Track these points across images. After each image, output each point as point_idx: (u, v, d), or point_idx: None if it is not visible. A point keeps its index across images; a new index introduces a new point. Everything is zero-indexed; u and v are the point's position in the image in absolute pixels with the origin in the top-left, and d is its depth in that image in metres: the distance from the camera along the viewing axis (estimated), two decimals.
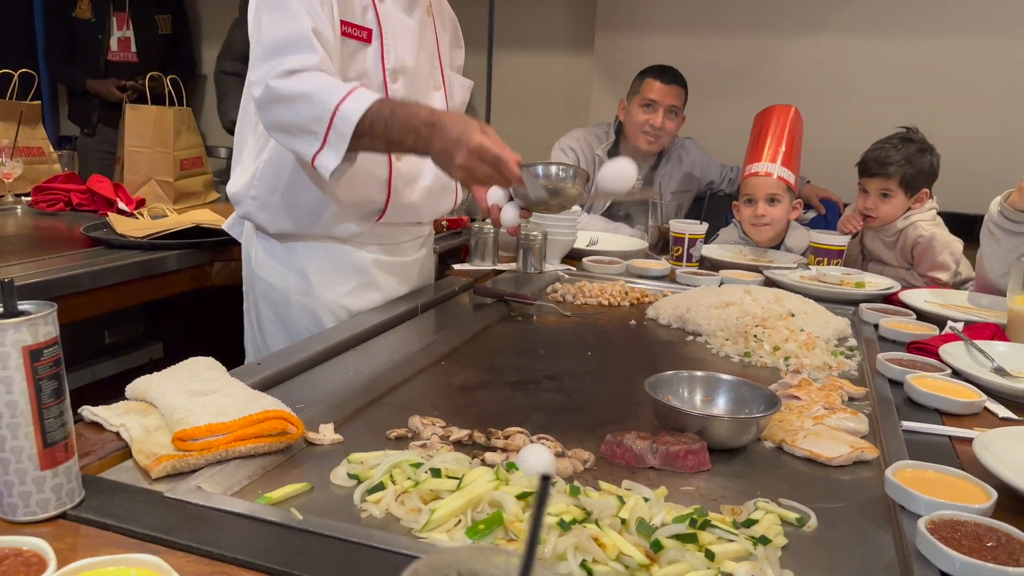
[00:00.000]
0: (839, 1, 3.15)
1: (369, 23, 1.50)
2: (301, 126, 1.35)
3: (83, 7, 3.75)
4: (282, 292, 1.62)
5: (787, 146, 2.40)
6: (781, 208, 2.38)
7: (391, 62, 1.53)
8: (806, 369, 1.41)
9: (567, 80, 3.69)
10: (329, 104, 1.32)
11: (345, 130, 1.32)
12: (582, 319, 1.72)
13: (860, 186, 2.31)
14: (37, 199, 2.50)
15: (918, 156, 2.23)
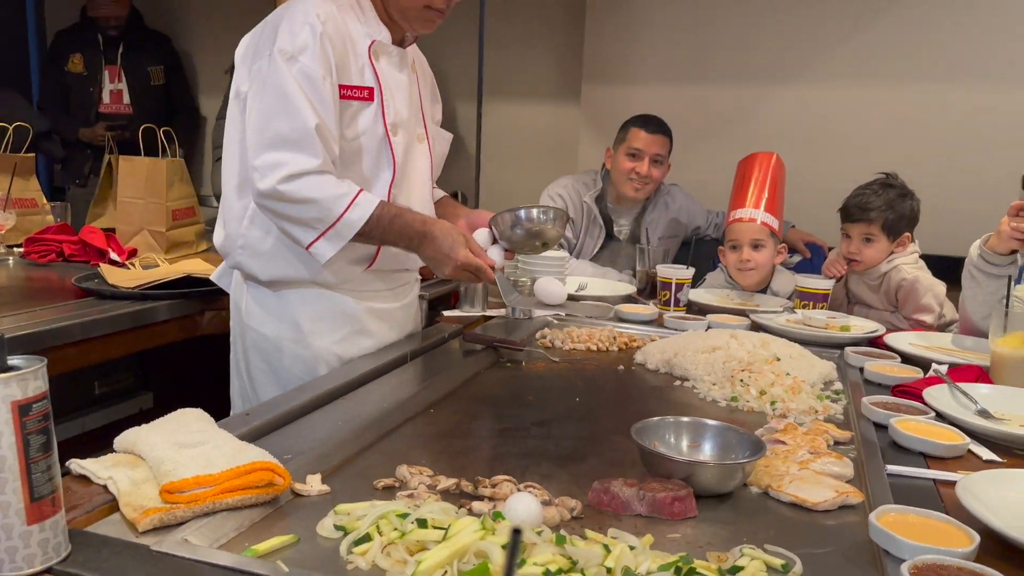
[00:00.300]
0: (819, 51, 3.24)
1: (368, 82, 1.57)
2: (301, 221, 1.48)
3: (75, 61, 3.82)
4: (274, 341, 1.64)
5: (770, 192, 2.44)
6: (765, 253, 2.40)
7: (391, 116, 1.60)
8: (792, 413, 1.42)
9: (555, 128, 3.76)
10: (334, 211, 1.46)
11: (347, 233, 1.49)
12: (570, 365, 1.74)
13: (843, 231, 2.35)
14: (29, 250, 2.51)
15: (898, 201, 2.27)
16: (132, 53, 3.85)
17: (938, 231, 2.55)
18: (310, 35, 1.46)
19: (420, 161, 1.73)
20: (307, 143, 1.45)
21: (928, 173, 2.55)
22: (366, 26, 1.58)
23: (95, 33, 3.82)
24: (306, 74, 1.45)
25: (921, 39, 3.10)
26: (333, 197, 1.46)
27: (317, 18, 1.47)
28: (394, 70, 1.63)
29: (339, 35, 1.51)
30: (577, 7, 3.60)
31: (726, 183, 2.74)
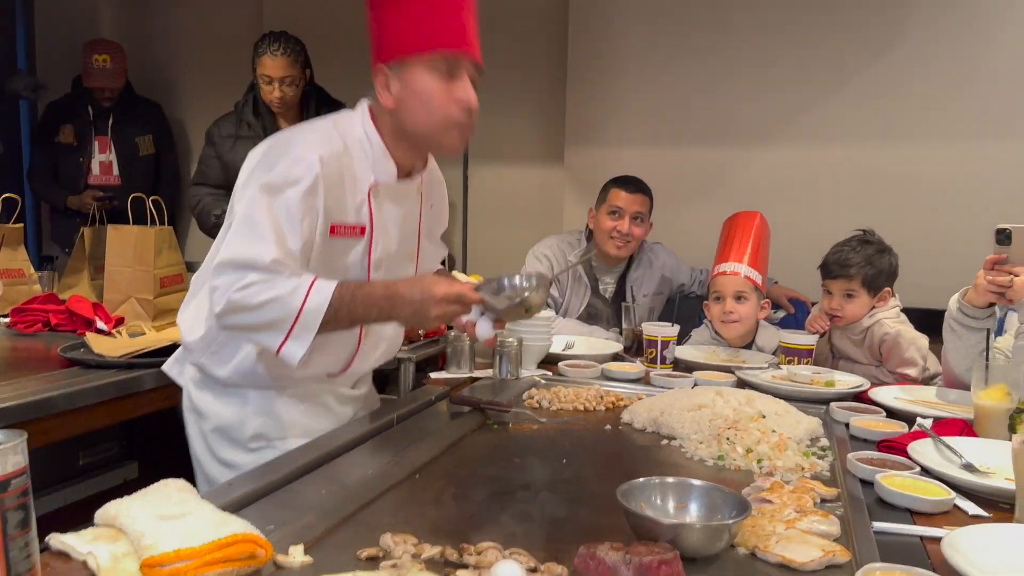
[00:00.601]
0: (795, 112, 3.33)
1: (362, 220, 1.56)
2: (265, 326, 1.43)
3: (66, 132, 3.87)
4: (236, 435, 1.62)
5: (753, 248, 2.49)
6: (749, 306, 2.44)
7: (377, 253, 1.59)
8: (779, 471, 1.42)
9: (540, 190, 3.82)
10: (293, 305, 1.40)
11: (312, 323, 1.41)
12: (558, 425, 1.74)
13: (824, 287, 2.38)
14: (15, 320, 2.51)
15: (877, 257, 2.31)
16: (122, 124, 3.91)
17: (918, 285, 2.59)
18: (305, 172, 1.44)
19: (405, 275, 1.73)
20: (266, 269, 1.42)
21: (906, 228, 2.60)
22: (372, 163, 1.57)
23: (86, 104, 3.89)
24: (286, 207, 1.43)
25: (894, 98, 3.19)
26: (289, 291, 1.41)
27: (319, 160, 1.45)
28: (392, 205, 1.62)
29: (338, 177, 1.50)
30: (559, 73, 3.69)
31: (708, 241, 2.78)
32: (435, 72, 1.47)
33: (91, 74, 3.84)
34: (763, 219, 2.57)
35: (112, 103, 3.90)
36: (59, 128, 3.88)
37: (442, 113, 1.49)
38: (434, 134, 1.53)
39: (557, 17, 3.66)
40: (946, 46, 3.10)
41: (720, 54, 3.39)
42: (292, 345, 1.42)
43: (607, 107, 3.58)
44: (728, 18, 3.36)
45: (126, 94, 3.96)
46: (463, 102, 1.49)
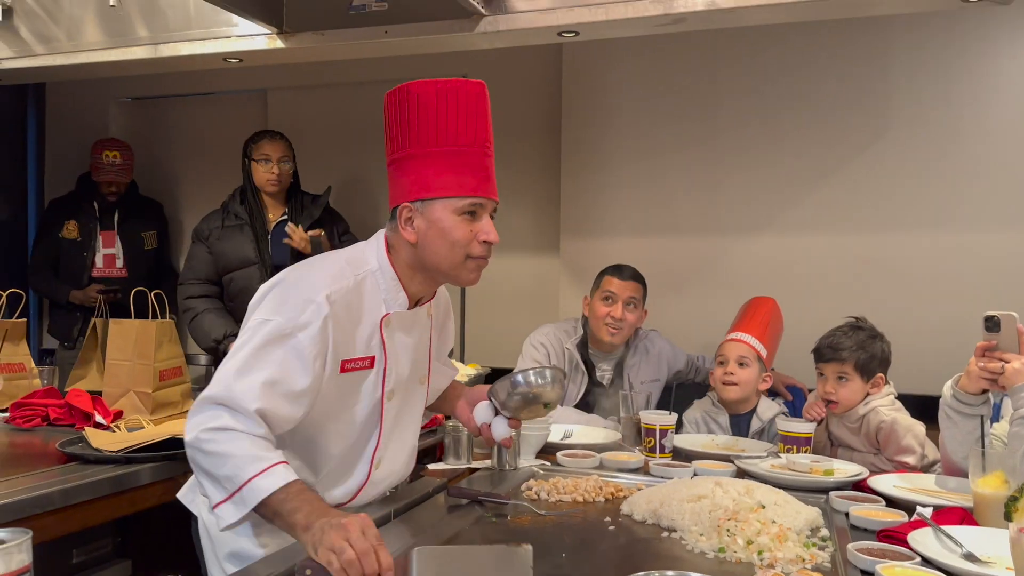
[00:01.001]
0: (785, 202, 3.41)
1: (373, 351, 1.58)
2: (215, 478, 1.41)
3: (70, 228, 3.96)
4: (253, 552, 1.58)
5: (762, 325, 2.70)
6: (749, 372, 2.59)
7: (390, 383, 1.61)
8: (780, 563, 1.41)
9: (536, 279, 3.88)
10: (243, 474, 1.36)
11: (251, 500, 1.36)
12: (557, 518, 1.73)
13: (818, 371, 2.41)
14: (15, 415, 2.51)
15: (869, 342, 2.35)
16: (128, 219, 4.01)
17: (912, 371, 2.61)
18: (314, 315, 1.46)
19: (414, 404, 1.75)
20: (245, 416, 1.41)
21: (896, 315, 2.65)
22: (384, 294, 1.60)
23: (91, 201, 3.99)
24: (298, 351, 1.45)
25: (881, 188, 3.27)
26: (249, 458, 1.38)
27: (327, 300, 1.48)
28: (404, 335, 1.64)
29: (348, 314, 1.53)
30: (553, 167, 3.81)
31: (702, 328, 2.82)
32: (460, 212, 1.55)
33: (100, 169, 3.95)
34: (776, 305, 2.79)
35: (117, 199, 3.99)
36: (63, 224, 3.96)
37: (465, 250, 1.56)
38: (454, 268, 1.58)
39: (551, 112, 3.80)
40: (930, 136, 3.20)
41: (709, 146, 3.50)
42: (228, 508, 1.40)
43: (601, 198, 3.67)
44: (716, 112, 3.49)
45: (131, 191, 4.07)
46: (485, 240, 1.57)
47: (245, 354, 1.45)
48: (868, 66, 3.29)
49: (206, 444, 1.40)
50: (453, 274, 1.60)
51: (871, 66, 3.28)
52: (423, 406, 1.79)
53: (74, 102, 4.56)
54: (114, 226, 3.97)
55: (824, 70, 3.35)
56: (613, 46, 3.56)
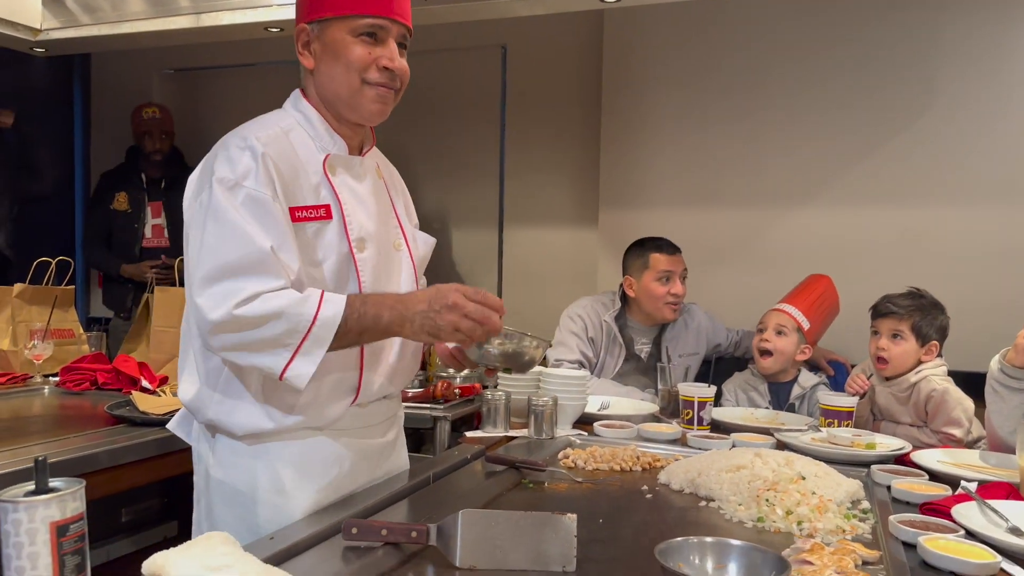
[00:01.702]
0: (830, 174, 3.34)
1: (324, 199, 1.47)
2: (269, 342, 1.31)
3: (120, 200, 4.04)
4: (248, 493, 1.45)
5: (811, 300, 2.70)
6: (786, 341, 2.59)
7: (355, 232, 1.49)
8: (819, 533, 1.40)
9: (574, 252, 3.86)
10: (306, 316, 1.31)
11: (326, 335, 1.32)
12: (594, 485, 1.73)
13: (872, 329, 2.39)
14: (65, 379, 2.59)
15: (929, 307, 2.34)
16: (173, 189, 4.06)
17: (961, 348, 2.55)
18: (251, 159, 1.37)
19: (401, 271, 1.62)
20: (263, 267, 1.32)
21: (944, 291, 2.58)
22: (318, 140, 1.50)
23: (139, 173, 4.06)
24: (253, 198, 1.35)
25: (930, 161, 3.18)
26: (298, 301, 1.31)
27: (257, 140, 1.39)
28: (354, 181, 1.53)
29: (284, 156, 1.42)
30: (592, 137, 3.77)
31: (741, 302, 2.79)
32: (357, 33, 1.45)
33: (142, 129, 4.00)
34: (831, 284, 2.79)
35: (162, 168, 4.05)
36: (114, 196, 4.05)
37: (361, 74, 1.46)
38: (352, 96, 1.48)
39: (591, 81, 3.76)
40: (981, 109, 3.11)
41: (752, 118, 3.44)
42: (300, 363, 1.32)
43: (640, 169, 3.63)
44: (760, 80, 3.42)
45: (175, 160, 4.12)
46: (383, 63, 1.46)
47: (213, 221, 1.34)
48: (918, 37, 3.19)
49: (245, 314, 1.29)
50: (352, 103, 1.48)
51: (921, 37, 3.18)
52: (412, 279, 1.64)
53: (118, 74, 4.64)
54: (161, 197, 4.03)
55: (873, 40, 3.25)
56: (655, 13, 3.50)
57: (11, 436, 1.99)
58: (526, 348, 1.50)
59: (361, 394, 1.53)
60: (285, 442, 1.47)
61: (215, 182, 1.35)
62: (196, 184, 1.44)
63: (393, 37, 1.49)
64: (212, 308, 1.30)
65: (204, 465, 1.52)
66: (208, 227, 1.34)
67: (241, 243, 1.32)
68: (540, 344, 1.54)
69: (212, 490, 1.50)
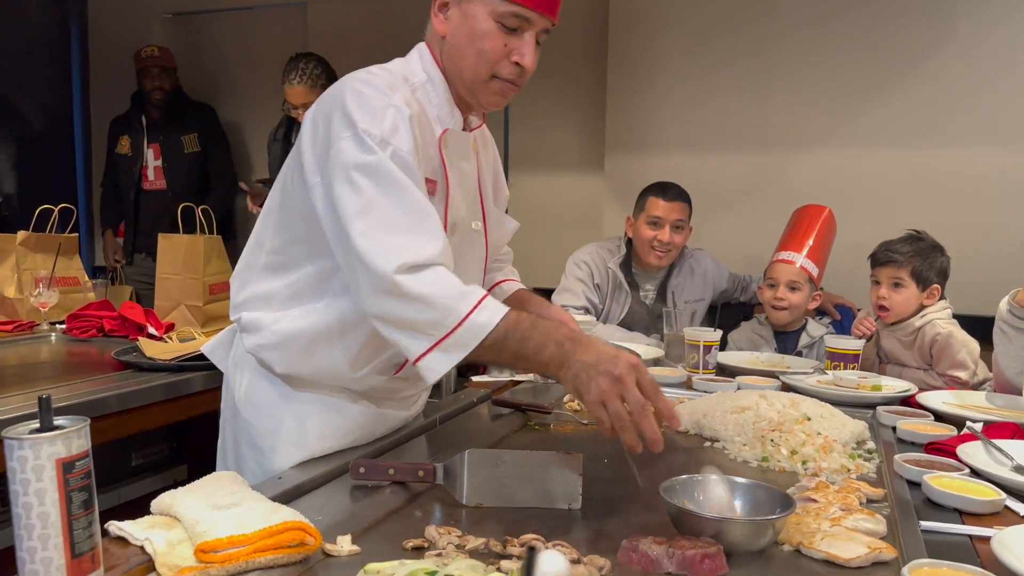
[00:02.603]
0: (839, 116, 3.28)
1: (435, 174, 1.39)
2: (415, 326, 1.22)
3: (123, 143, 4.04)
4: (269, 440, 1.42)
5: (815, 241, 2.63)
6: (800, 296, 2.56)
7: (452, 214, 1.41)
8: (824, 472, 1.40)
9: (580, 197, 3.83)
10: (457, 313, 1.20)
11: (471, 342, 1.21)
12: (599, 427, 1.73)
13: (873, 278, 2.37)
14: (71, 326, 2.59)
15: (928, 251, 2.31)
16: (170, 127, 4.02)
17: (968, 290, 2.54)
18: (397, 117, 1.27)
19: (473, 254, 1.54)
20: (426, 225, 1.24)
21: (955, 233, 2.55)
22: (439, 110, 1.41)
23: (141, 114, 4.02)
24: (402, 158, 1.25)
25: (939, 103, 3.12)
26: (457, 295, 1.21)
27: (402, 101, 1.29)
28: (461, 160, 1.44)
29: (422, 122, 1.34)
30: (598, 81, 3.71)
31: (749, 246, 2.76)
32: (499, 18, 1.33)
33: (143, 67, 3.94)
34: (831, 214, 2.70)
35: (163, 107, 3.99)
36: (118, 140, 4.04)
37: (492, 67, 1.35)
38: (476, 83, 1.38)
39: (597, 25, 3.69)
40: (995, 45, 3.03)
41: (760, 59, 3.37)
42: (437, 357, 1.22)
43: (647, 114, 3.58)
44: (768, 23, 3.34)
45: (177, 98, 4.06)
46: (515, 58, 1.35)
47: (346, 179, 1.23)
48: None
49: (403, 286, 1.19)
50: (473, 90, 1.39)
51: None
52: (482, 260, 1.57)
53: (116, 19, 4.56)
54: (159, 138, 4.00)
55: None
56: None
57: (19, 382, 2.01)
58: None
59: (405, 368, 1.47)
60: (317, 395, 1.44)
61: (361, 133, 1.24)
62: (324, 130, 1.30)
63: (535, 30, 1.37)
64: (378, 262, 1.20)
65: (232, 396, 1.50)
66: (359, 181, 1.23)
67: (402, 199, 1.23)
68: None
69: (238, 425, 1.48)
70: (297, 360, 1.40)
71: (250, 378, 1.47)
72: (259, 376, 1.45)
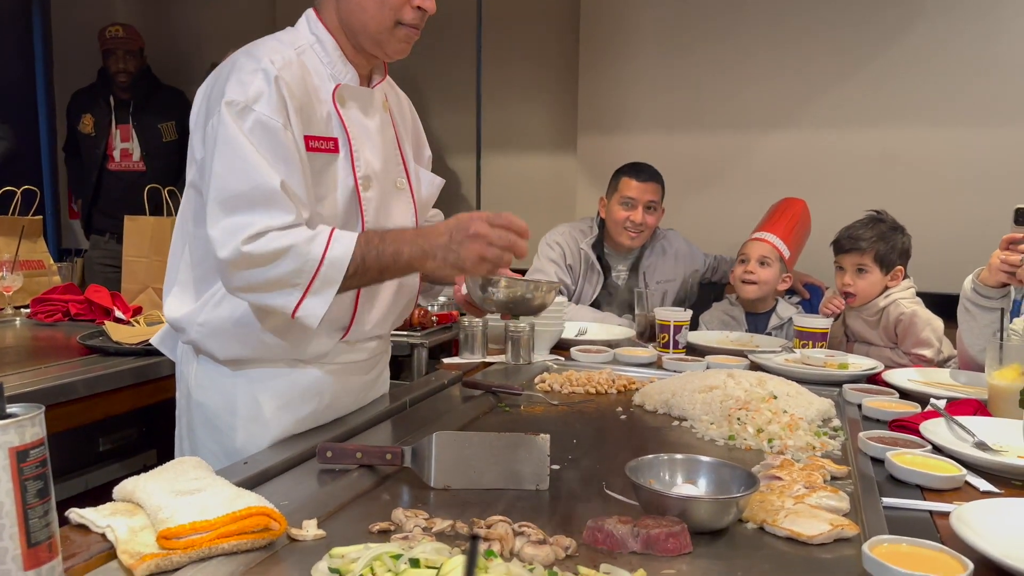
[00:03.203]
0: (808, 97, 3.30)
1: (334, 131, 1.42)
2: (278, 282, 1.29)
3: (86, 122, 3.92)
4: (226, 418, 1.45)
5: (788, 226, 2.68)
6: (770, 272, 2.59)
7: (361, 169, 1.44)
8: (790, 450, 1.42)
9: (552, 178, 3.82)
10: (314, 255, 1.28)
11: (335, 275, 1.29)
12: (569, 408, 1.74)
13: (836, 264, 2.39)
14: (36, 310, 2.55)
15: (890, 234, 2.32)
16: (143, 111, 3.93)
17: (933, 269, 2.58)
18: (264, 81, 1.30)
19: (401, 213, 1.56)
20: (272, 201, 1.28)
21: (921, 212, 2.59)
22: (330, 68, 1.44)
23: (108, 93, 3.91)
24: (263, 125, 1.29)
25: (909, 82, 3.15)
26: (306, 239, 1.28)
27: (271, 63, 1.32)
28: (361, 115, 1.47)
29: (298, 81, 1.36)
30: (571, 60, 3.69)
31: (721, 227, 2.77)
32: None
33: (107, 48, 3.84)
34: (805, 207, 2.75)
35: (130, 87, 3.89)
36: (80, 117, 3.93)
37: (395, 13, 1.39)
38: (380, 33, 1.41)
39: (569, 4, 3.66)
40: (960, 29, 3.07)
41: (733, 39, 3.37)
42: (311, 303, 1.29)
43: (619, 94, 3.57)
44: (740, 3, 3.34)
45: (146, 81, 3.96)
46: (420, 3, 1.39)
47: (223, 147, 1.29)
48: None
49: (253, 251, 1.26)
50: (379, 40, 1.42)
51: None
52: (413, 219, 1.59)
53: None
54: (129, 119, 3.91)
55: None
56: None
57: None
58: (535, 293, 1.48)
59: (352, 332, 1.50)
60: (266, 369, 1.46)
61: (224, 105, 1.29)
62: (204, 106, 1.38)
63: None
64: (222, 244, 1.27)
65: (186, 384, 1.52)
66: (218, 155, 1.29)
67: (250, 175, 1.27)
68: (551, 288, 1.50)
69: (192, 410, 1.50)
70: (235, 345, 1.44)
71: (199, 363, 1.49)
72: (207, 360, 1.48)
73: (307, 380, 1.48)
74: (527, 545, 0.97)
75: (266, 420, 1.44)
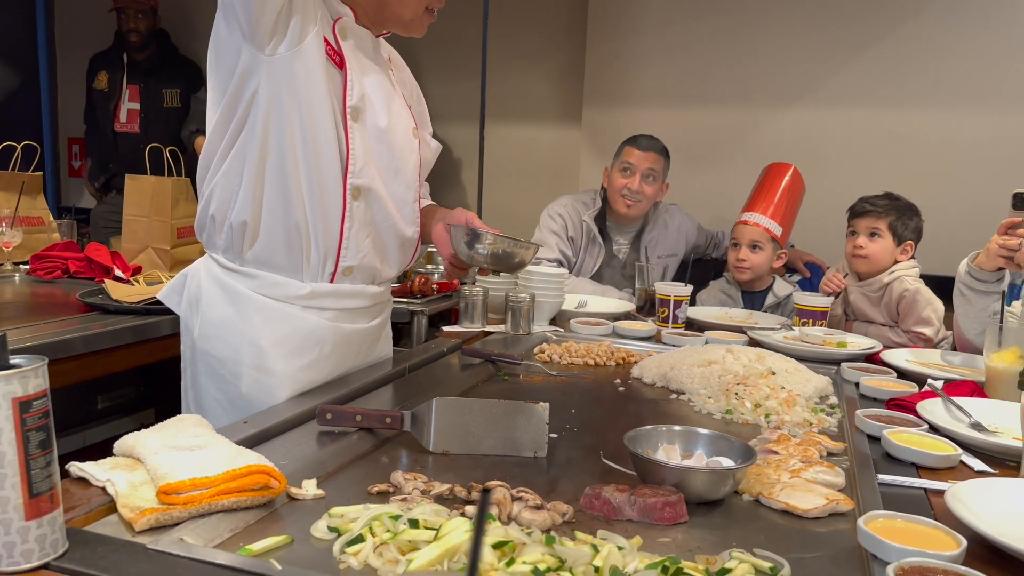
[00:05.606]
0: (817, 75, 3.28)
1: (336, 50, 1.44)
2: None
3: (101, 79, 3.95)
4: (231, 367, 1.46)
5: (779, 200, 2.65)
6: (762, 256, 2.61)
7: (353, 97, 1.44)
8: (786, 426, 1.43)
9: (556, 150, 3.80)
10: None
11: None
12: (568, 379, 1.75)
13: (849, 229, 2.41)
14: (35, 267, 2.54)
15: (905, 209, 2.35)
16: (153, 75, 3.94)
17: (934, 251, 2.58)
18: None
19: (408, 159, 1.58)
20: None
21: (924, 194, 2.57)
22: (329, 7, 1.46)
23: (122, 53, 3.92)
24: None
25: (918, 63, 3.13)
26: None
27: None
28: (362, 56, 1.50)
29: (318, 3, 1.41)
30: (578, 32, 3.65)
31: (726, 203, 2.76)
32: None
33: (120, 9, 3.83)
34: (796, 172, 2.70)
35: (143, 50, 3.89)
36: (96, 75, 3.96)
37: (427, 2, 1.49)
38: (413, 19, 1.51)
39: None
40: (971, 11, 3.04)
41: (740, 14, 3.34)
42: None
43: (627, 67, 3.54)
44: None
45: (162, 46, 3.97)
46: None
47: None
48: None
49: None
50: (407, 24, 1.52)
51: None
52: (417, 168, 1.60)
53: None
54: (140, 80, 3.90)
55: None
56: None
57: None
58: (517, 250, 1.54)
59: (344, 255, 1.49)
60: (266, 312, 1.47)
61: None
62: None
63: None
64: None
65: (190, 335, 1.53)
66: None
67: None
68: (531, 247, 1.57)
69: (197, 360, 1.52)
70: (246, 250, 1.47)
71: (204, 315, 1.50)
72: (213, 308, 1.49)
73: (307, 326, 1.49)
74: (525, 510, 0.98)
75: (270, 368, 1.46)
